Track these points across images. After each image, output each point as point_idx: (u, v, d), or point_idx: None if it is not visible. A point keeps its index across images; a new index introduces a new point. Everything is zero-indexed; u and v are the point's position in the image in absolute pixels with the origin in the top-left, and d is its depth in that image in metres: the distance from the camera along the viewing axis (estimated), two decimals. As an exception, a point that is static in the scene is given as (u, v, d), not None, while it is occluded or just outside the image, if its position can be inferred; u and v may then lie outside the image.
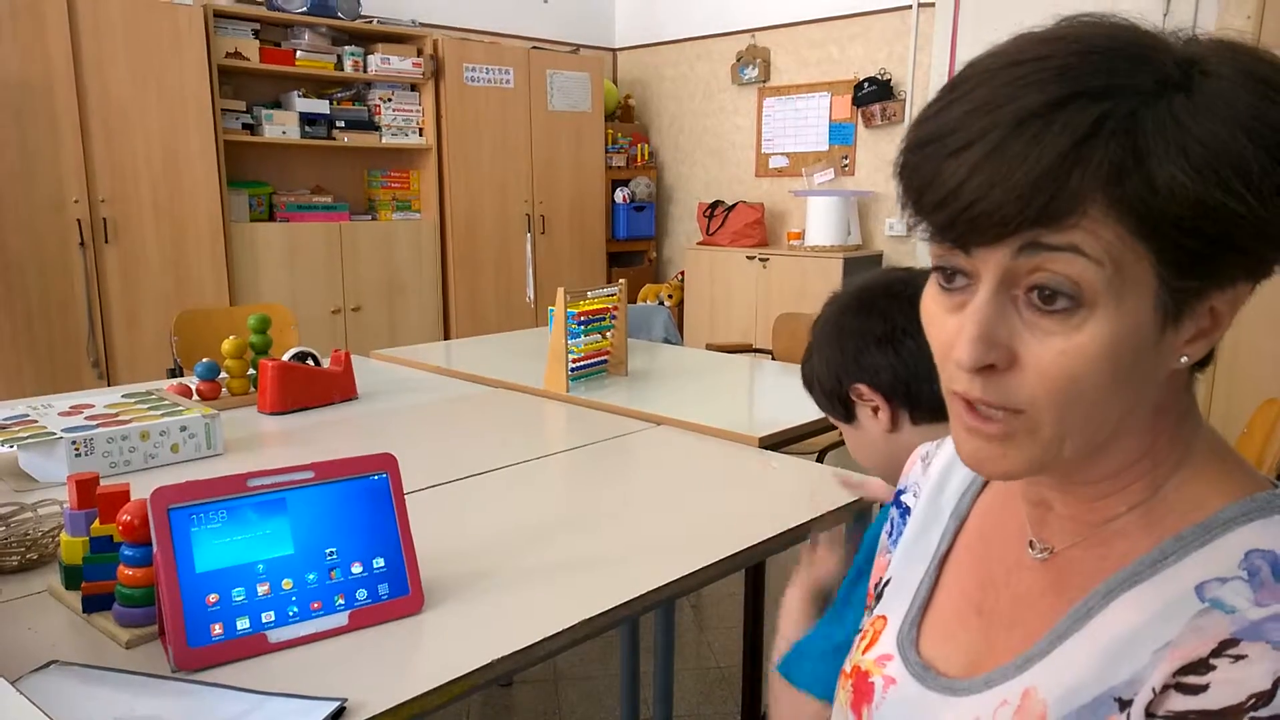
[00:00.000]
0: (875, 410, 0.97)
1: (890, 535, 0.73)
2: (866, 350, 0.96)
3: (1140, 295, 0.45)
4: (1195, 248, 0.44)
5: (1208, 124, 0.43)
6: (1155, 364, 0.48)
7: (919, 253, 4.54)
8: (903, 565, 0.68)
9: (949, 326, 0.50)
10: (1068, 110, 0.43)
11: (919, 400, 0.93)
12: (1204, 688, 0.44)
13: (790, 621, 0.96)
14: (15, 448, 1.38)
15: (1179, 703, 0.45)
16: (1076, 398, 0.47)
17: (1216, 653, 0.44)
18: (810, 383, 1.04)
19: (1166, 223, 0.43)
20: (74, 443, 1.35)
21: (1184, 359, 0.48)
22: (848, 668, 0.67)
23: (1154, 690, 0.46)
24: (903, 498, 0.73)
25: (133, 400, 1.59)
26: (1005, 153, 0.44)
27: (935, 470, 0.70)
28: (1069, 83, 0.44)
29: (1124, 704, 0.48)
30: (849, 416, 1.01)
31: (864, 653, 0.66)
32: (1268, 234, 0.45)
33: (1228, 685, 0.43)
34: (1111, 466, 0.53)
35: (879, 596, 0.70)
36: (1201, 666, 0.45)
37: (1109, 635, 0.50)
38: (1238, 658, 0.44)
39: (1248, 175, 0.43)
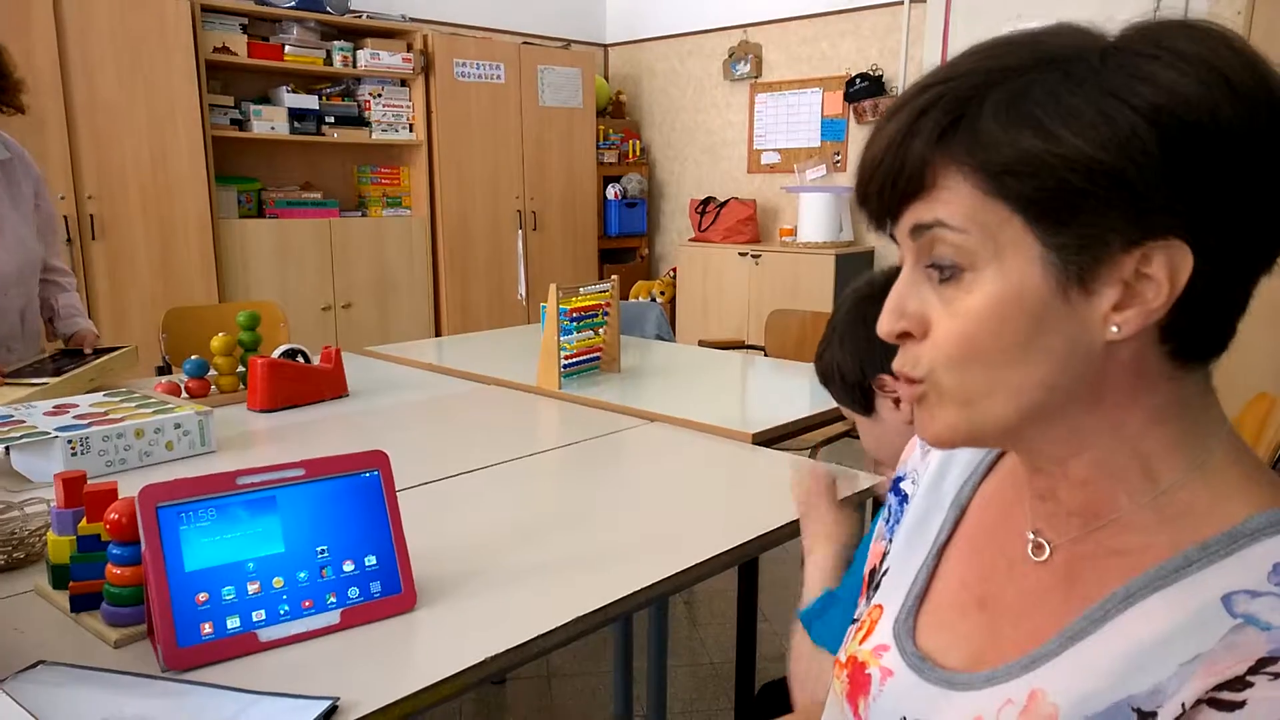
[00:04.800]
0: (897, 402, 0.96)
1: (888, 522, 0.73)
2: None
3: (1022, 255, 0.48)
4: (1040, 198, 0.46)
5: (1052, 85, 0.46)
6: (1072, 331, 0.48)
7: (910, 249, 4.55)
8: (901, 554, 0.67)
9: None
10: (921, 94, 0.49)
11: None
12: (1240, 704, 0.43)
13: (806, 589, 0.96)
14: (7, 448, 1.36)
15: (1214, 719, 0.44)
16: (973, 358, 0.50)
17: (1254, 670, 0.44)
18: (829, 374, 1.03)
19: (1001, 173, 0.47)
20: (70, 441, 1.34)
21: (1114, 329, 0.47)
22: (843, 657, 0.66)
23: (1184, 705, 0.45)
24: (901, 484, 0.73)
25: (117, 399, 1.58)
26: (878, 136, 0.51)
27: (936, 457, 0.69)
28: (939, 73, 0.50)
29: (1144, 715, 0.46)
30: (868, 409, 1.00)
31: (860, 642, 0.65)
32: (1116, 180, 0.44)
33: (1266, 703, 0.43)
34: (1068, 445, 0.52)
35: (876, 585, 0.69)
36: (1238, 684, 0.44)
37: (1129, 642, 0.49)
38: (1276, 675, 0.43)
39: (1077, 121, 0.45)
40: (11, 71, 1.81)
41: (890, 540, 0.71)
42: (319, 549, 0.92)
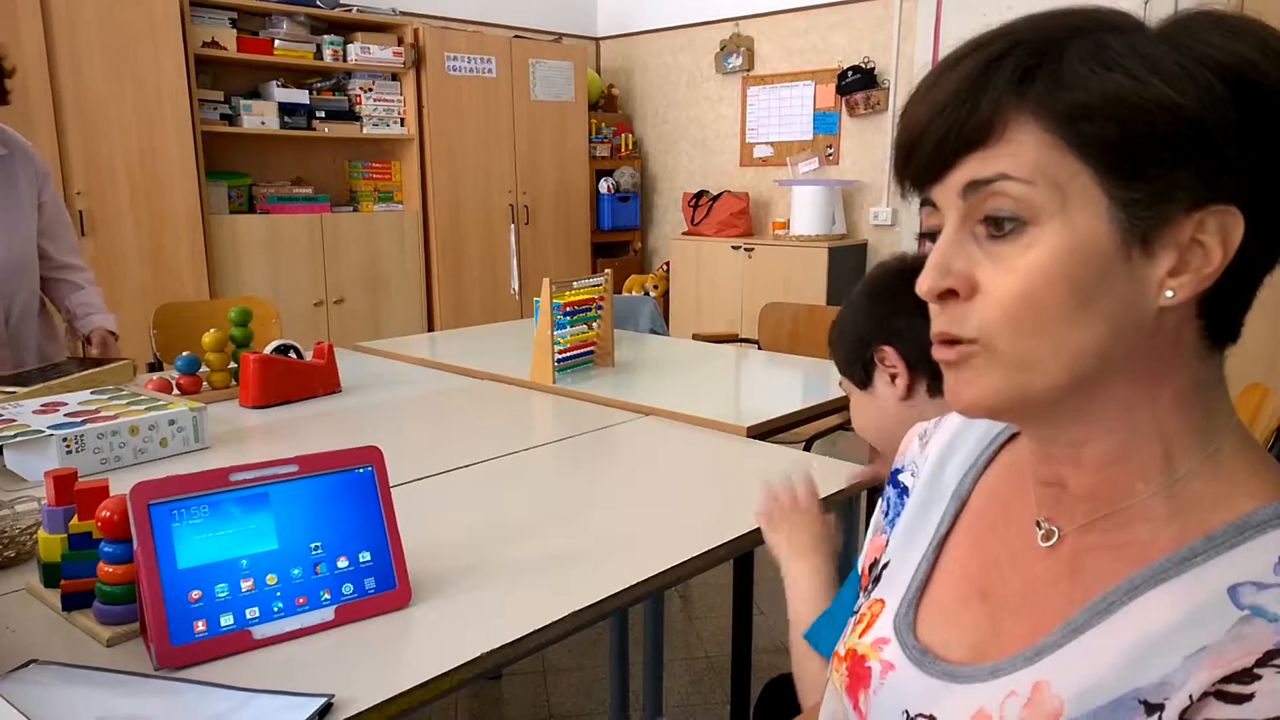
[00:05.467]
0: (893, 377, 0.96)
1: (886, 515, 0.72)
2: (898, 314, 0.95)
3: (1089, 210, 0.47)
4: (1120, 144, 0.45)
5: (1129, 43, 0.46)
6: (1129, 294, 0.48)
7: (904, 242, 4.55)
8: (901, 547, 0.67)
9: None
10: (989, 45, 0.48)
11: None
12: (1248, 697, 0.43)
13: (801, 595, 0.96)
14: (3, 447, 1.35)
15: (1220, 711, 0.44)
16: (1032, 317, 0.48)
17: (1262, 662, 0.44)
18: (835, 341, 1.03)
19: (1081, 117, 0.46)
20: (65, 440, 1.33)
21: (1169, 294, 0.47)
22: (841, 650, 0.66)
23: (1191, 697, 0.45)
24: (900, 477, 0.72)
25: (105, 397, 1.57)
26: (936, 86, 0.49)
27: (934, 449, 0.69)
28: (1002, 29, 0.49)
29: (1150, 708, 0.46)
30: (865, 381, 1.00)
31: (860, 636, 0.64)
32: (1199, 131, 0.45)
33: (1274, 695, 0.42)
34: (1100, 422, 0.51)
35: (876, 579, 0.68)
36: (1246, 676, 0.44)
37: (1134, 635, 0.48)
38: None
39: (1161, 69, 0.45)
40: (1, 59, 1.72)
41: (889, 533, 0.70)
42: (313, 545, 0.91)
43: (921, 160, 0.50)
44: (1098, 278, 0.47)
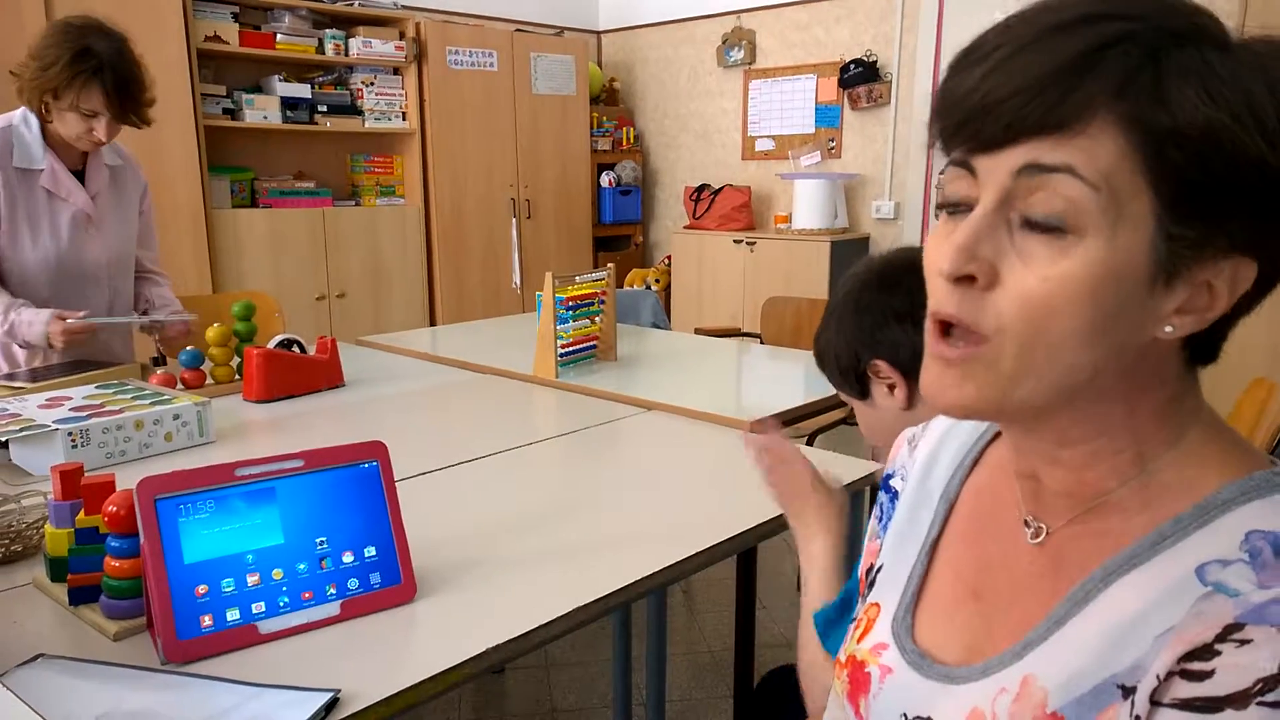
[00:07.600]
0: (891, 388, 0.95)
1: (880, 520, 0.73)
2: (886, 325, 0.93)
3: (1135, 234, 0.45)
4: (1196, 181, 0.43)
5: (1233, 69, 0.44)
6: (1137, 322, 0.47)
7: (906, 235, 4.54)
8: (894, 551, 0.67)
9: (943, 247, 0.49)
10: (1096, 24, 0.44)
11: None
12: (1210, 673, 0.43)
13: (809, 583, 0.92)
14: (5, 442, 1.35)
15: (1185, 689, 0.44)
16: (1046, 330, 0.46)
17: (1221, 638, 0.44)
18: (824, 358, 1.02)
19: (1170, 143, 0.43)
20: (70, 434, 1.33)
21: (1169, 329, 0.47)
22: (842, 657, 0.67)
23: (1158, 677, 0.46)
24: (890, 482, 0.73)
25: (110, 391, 1.57)
26: (1024, 55, 0.45)
27: (922, 453, 0.70)
28: (1105, 5, 0.45)
29: (1127, 691, 0.47)
30: (863, 393, 0.99)
31: (859, 641, 0.65)
32: (1272, 189, 0.44)
33: (1234, 670, 0.43)
34: (1077, 430, 0.52)
35: (871, 584, 0.69)
36: (1206, 652, 0.44)
37: (1109, 621, 0.49)
38: (1243, 642, 0.43)
39: (1262, 119, 0.43)
40: (149, 88, 2.00)
41: (882, 537, 0.71)
42: (318, 540, 0.91)
43: (985, 129, 0.46)
44: (1118, 304, 0.46)
